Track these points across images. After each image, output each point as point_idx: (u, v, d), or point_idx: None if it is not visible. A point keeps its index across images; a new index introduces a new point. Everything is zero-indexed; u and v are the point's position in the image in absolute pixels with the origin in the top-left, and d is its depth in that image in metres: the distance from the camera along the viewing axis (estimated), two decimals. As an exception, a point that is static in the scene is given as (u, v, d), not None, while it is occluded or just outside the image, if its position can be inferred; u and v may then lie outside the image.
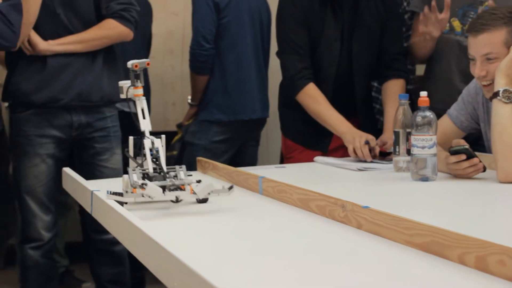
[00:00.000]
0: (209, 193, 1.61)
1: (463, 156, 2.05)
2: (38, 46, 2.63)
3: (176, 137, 3.71)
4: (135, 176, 1.61)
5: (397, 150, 2.27)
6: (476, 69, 2.15)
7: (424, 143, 2.06)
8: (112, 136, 2.84)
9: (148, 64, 1.76)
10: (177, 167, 1.71)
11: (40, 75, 2.66)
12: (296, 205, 1.68)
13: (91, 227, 2.88)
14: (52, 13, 2.66)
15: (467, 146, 2.07)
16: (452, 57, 2.81)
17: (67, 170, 2.15)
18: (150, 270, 1.20)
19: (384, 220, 1.35)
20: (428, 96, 2.11)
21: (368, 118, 2.90)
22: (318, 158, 2.59)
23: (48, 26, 2.66)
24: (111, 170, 2.81)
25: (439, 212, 1.67)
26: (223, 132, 3.35)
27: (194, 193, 1.60)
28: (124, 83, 1.81)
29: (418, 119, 2.07)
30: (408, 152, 2.18)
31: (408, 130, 2.21)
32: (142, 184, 1.52)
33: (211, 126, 3.35)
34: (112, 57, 2.82)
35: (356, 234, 1.41)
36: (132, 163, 1.77)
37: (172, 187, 1.61)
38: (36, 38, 2.63)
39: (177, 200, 1.68)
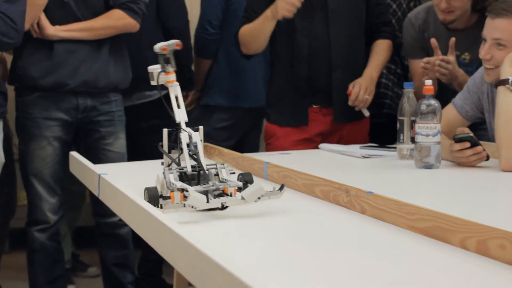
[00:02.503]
0: (259, 198, 1.41)
1: (467, 144, 2.07)
2: (45, 30, 2.66)
3: None
4: (171, 177, 1.44)
5: (401, 138, 2.29)
6: (482, 51, 2.16)
7: (428, 131, 2.07)
8: (117, 121, 2.88)
9: (178, 45, 1.58)
10: (218, 164, 1.51)
11: (47, 60, 2.69)
12: (300, 190, 1.71)
13: (96, 211, 2.91)
14: (61, 1, 2.70)
15: (471, 134, 2.09)
16: (442, 42, 2.85)
17: (74, 154, 2.17)
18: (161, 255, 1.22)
19: (388, 205, 1.37)
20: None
21: (346, 107, 2.79)
22: (323, 145, 2.61)
23: (57, 13, 2.69)
24: (116, 154, 2.85)
25: (442, 198, 1.69)
26: (226, 119, 3.37)
27: (243, 198, 1.41)
28: (154, 68, 1.62)
29: (423, 107, 2.09)
30: (412, 140, 2.20)
31: (413, 118, 2.23)
32: (182, 189, 1.36)
33: (213, 112, 3.36)
34: (118, 46, 2.85)
35: (360, 219, 1.43)
36: (166, 160, 1.59)
37: (216, 193, 1.41)
38: (45, 22, 2.67)
39: (222, 207, 1.42)
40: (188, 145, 1.50)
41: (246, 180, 1.53)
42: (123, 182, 1.60)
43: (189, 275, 1.06)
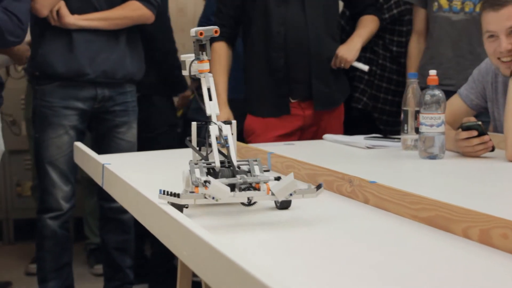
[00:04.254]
0: (290, 194, 1.26)
1: (475, 132, 2.06)
2: (64, 18, 2.70)
3: (178, 114, 3.71)
4: (198, 172, 1.32)
5: (405, 128, 2.28)
6: (503, 43, 2.13)
7: (433, 122, 2.07)
8: (131, 111, 2.94)
9: (216, 32, 1.43)
10: (250, 160, 1.38)
11: (67, 49, 2.74)
12: (304, 180, 1.70)
13: (100, 195, 2.95)
14: None
15: (479, 122, 2.08)
16: (443, 33, 2.87)
17: (78, 144, 2.18)
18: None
19: (391, 195, 1.37)
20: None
21: (326, 95, 2.83)
22: (327, 136, 2.61)
23: (76, 3, 2.75)
24: (127, 143, 2.91)
25: (446, 189, 1.69)
26: None
27: (272, 193, 1.27)
28: (187, 57, 1.51)
29: (427, 97, 2.08)
30: (417, 131, 2.20)
31: (417, 108, 2.22)
32: (206, 182, 1.24)
33: None
34: (134, 37, 2.91)
35: (363, 208, 1.43)
36: (194, 156, 1.49)
37: (243, 186, 1.28)
38: (65, 11, 2.71)
39: (249, 203, 1.32)
40: (217, 139, 1.38)
41: (279, 176, 1.37)
42: (126, 172, 1.60)
43: (192, 264, 1.06)
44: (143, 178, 1.75)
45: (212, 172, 1.35)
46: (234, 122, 1.44)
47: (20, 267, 3.78)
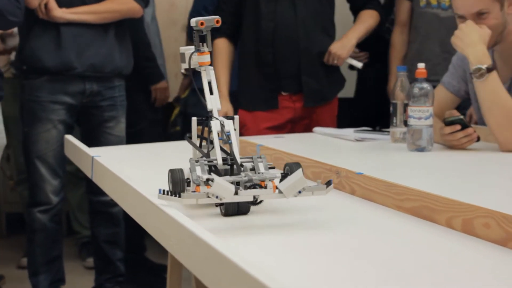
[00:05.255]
0: (299, 192, 1.16)
1: (458, 127, 2.09)
2: (52, 12, 2.71)
3: (175, 112, 3.70)
4: (199, 170, 1.25)
5: (394, 121, 2.30)
6: None
7: (421, 114, 2.09)
8: (119, 105, 2.95)
9: (218, 21, 1.35)
10: (254, 157, 1.30)
11: (54, 43, 2.75)
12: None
13: (89, 188, 2.96)
14: None
15: (461, 116, 2.11)
16: (431, 30, 2.90)
17: (69, 137, 2.18)
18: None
19: (377, 186, 1.39)
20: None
21: (316, 90, 2.85)
22: (317, 129, 2.63)
23: None
24: (115, 138, 2.93)
25: (433, 180, 1.71)
26: None
27: (280, 191, 1.17)
28: (186, 49, 1.42)
29: (415, 90, 2.10)
30: (405, 123, 2.21)
31: (406, 101, 2.24)
32: (208, 180, 1.18)
33: None
34: (123, 32, 2.92)
35: (350, 199, 1.44)
36: (195, 154, 1.42)
37: (248, 184, 1.20)
38: (53, 4, 2.72)
39: (255, 202, 1.19)
40: (219, 135, 1.31)
41: (286, 173, 1.29)
42: (116, 165, 1.61)
43: (178, 254, 1.07)
44: (133, 171, 1.76)
45: (214, 170, 1.28)
46: (236, 117, 1.37)
47: (12, 261, 3.78)
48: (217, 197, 1.12)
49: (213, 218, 1.26)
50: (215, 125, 1.31)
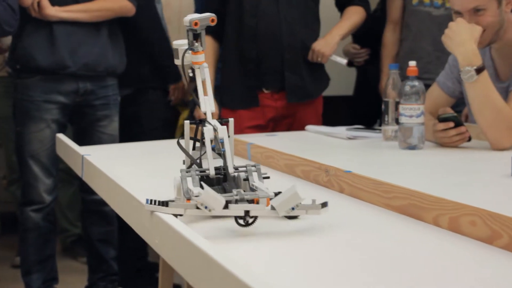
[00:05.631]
0: (292, 208, 1.11)
1: (451, 124, 2.09)
2: (45, 10, 2.71)
3: (184, 115, 3.62)
4: (190, 182, 1.18)
5: (386, 119, 2.30)
6: None
7: (412, 112, 2.08)
8: (112, 104, 2.95)
9: (213, 20, 1.30)
10: (248, 166, 1.24)
11: (48, 41, 2.75)
12: (282, 170, 1.72)
13: (81, 187, 2.96)
14: None
15: (455, 114, 2.11)
16: (423, 28, 2.91)
17: (60, 136, 2.18)
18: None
19: (365, 184, 1.39)
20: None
21: (299, 87, 2.82)
22: (309, 127, 2.63)
23: None
24: (108, 136, 2.93)
25: (423, 178, 1.70)
26: None
27: (272, 207, 1.12)
28: (180, 44, 1.36)
29: (407, 88, 2.10)
30: (397, 121, 2.21)
31: (397, 99, 2.24)
32: (197, 195, 1.11)
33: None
34: (116, 30, 2.92)
35: (339, 198, 1.44)
36: (187, 161, 1.33)
37: (239, 199, 1.12)
38: (45, 2, 2.71)
39: (246, 223, 1.13)
40: (212, 142, 1.24)
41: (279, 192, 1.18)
42: (106, 163, 1.61)
43: (163, 253, 1.07)
44: (123, 169, 1.76)
45: (206, 179, 1.22)
46: (231, 120, 1.32)
47: (6, 260, 3.78)
48: (206, 207, 1.07)
49: (203, 219, 1.26)
50: (207, 131, 1.24)
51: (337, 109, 3.28)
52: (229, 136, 1.26)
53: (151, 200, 1.10)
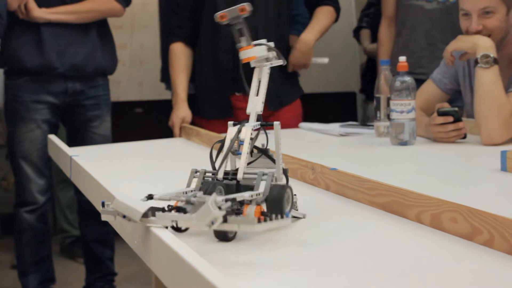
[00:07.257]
0: (211, 223, 0.93)
1: (451, 118, 2.08)
2: (32, 12, 2.70)
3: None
4: (193, 182, 1.15)
5: (378, 115, 2.29)
6: (473, 24, 2.13)
7: (403, 108, 2.07)
8: (103, 104, 2.93)
9: (243, 10, 1.22)
10: (258, 173, 1.15)
11: (35, 43, 2.74)
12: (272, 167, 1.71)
13: (76, 188, 2.95)
14: None
15: (456, 109, 2.10)
16: (417, 22, 2.90)
17: (51, 137, 2.18)
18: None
19: (350, 181, 1.38)
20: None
21: (277, 93, 2.72)
22: (302, 124, 2.62)
23: None
24: (100, 137, 2.91)
25: (412, 174, 1.70)
26: None
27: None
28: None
29: (397, 84, 2.09)
30: (389, 117, 2.20)
31: (389, 95, 2.23)
32: (171, 208, 1.05)
33: None
34: (105, 31, 2.91)
35: (325, 195, 1.43)
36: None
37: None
38: (32, 4, 2.70)
39: (178, 229, 1.09)
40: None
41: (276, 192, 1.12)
42: (94, 164, 1.61)
43: (140, 253, 1.07)
44: (109, 170, 1.76)
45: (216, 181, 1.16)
46: (277, 123, 1.23)
47: (6, 261, 3.79)
48: (124, 216, 1.02)
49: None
50: (230, 132, 1.17)
51: (343, 106, 3.23)
52: (251, 139, 1.19)
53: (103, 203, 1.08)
